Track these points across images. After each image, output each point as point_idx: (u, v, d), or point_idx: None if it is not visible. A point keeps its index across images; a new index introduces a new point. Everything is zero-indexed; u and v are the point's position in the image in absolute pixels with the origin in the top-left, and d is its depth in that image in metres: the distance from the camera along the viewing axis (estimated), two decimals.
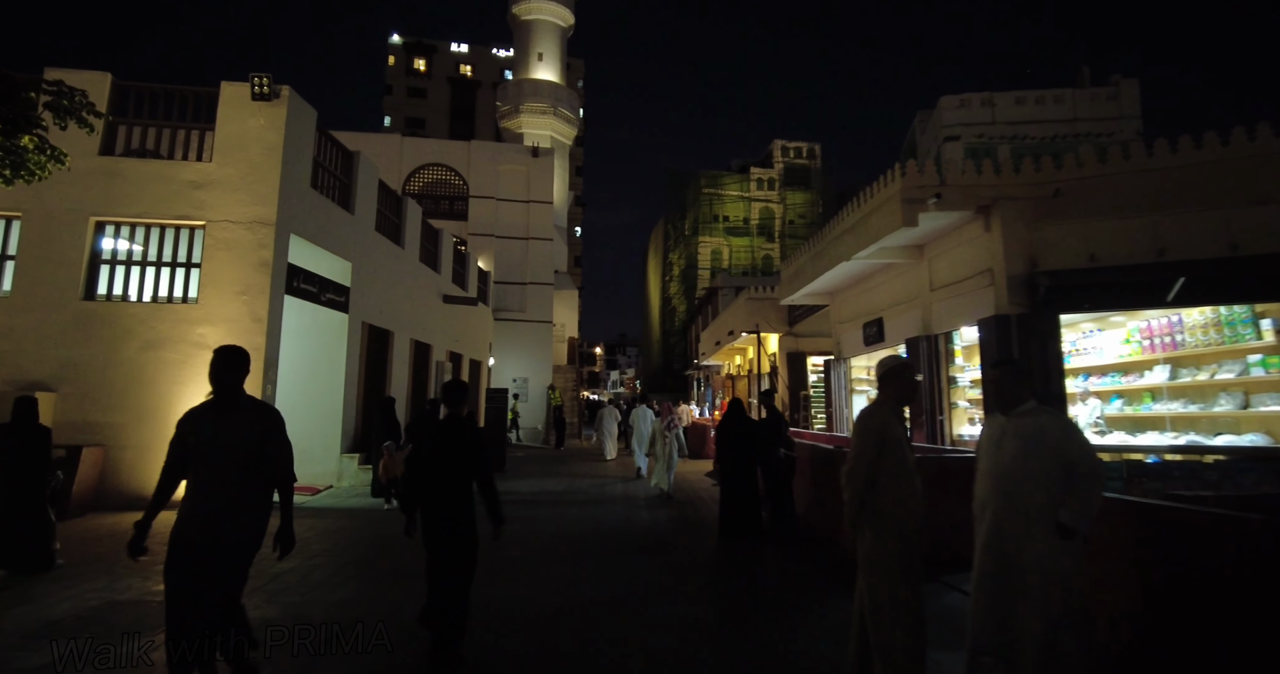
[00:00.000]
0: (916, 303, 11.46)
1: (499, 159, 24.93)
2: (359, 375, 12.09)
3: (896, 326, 12.25)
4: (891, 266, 12.16)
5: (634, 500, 10.45)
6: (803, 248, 14.64)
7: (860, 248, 10.93)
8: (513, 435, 20.87)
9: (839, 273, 12.84)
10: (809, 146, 56.79)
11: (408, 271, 14.58)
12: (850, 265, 12.14)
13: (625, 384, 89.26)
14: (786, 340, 19.48)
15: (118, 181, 9.34)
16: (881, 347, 13.02)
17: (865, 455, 3.15)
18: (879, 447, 3.14)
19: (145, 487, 8.74)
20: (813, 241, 13.94)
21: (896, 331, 12.25)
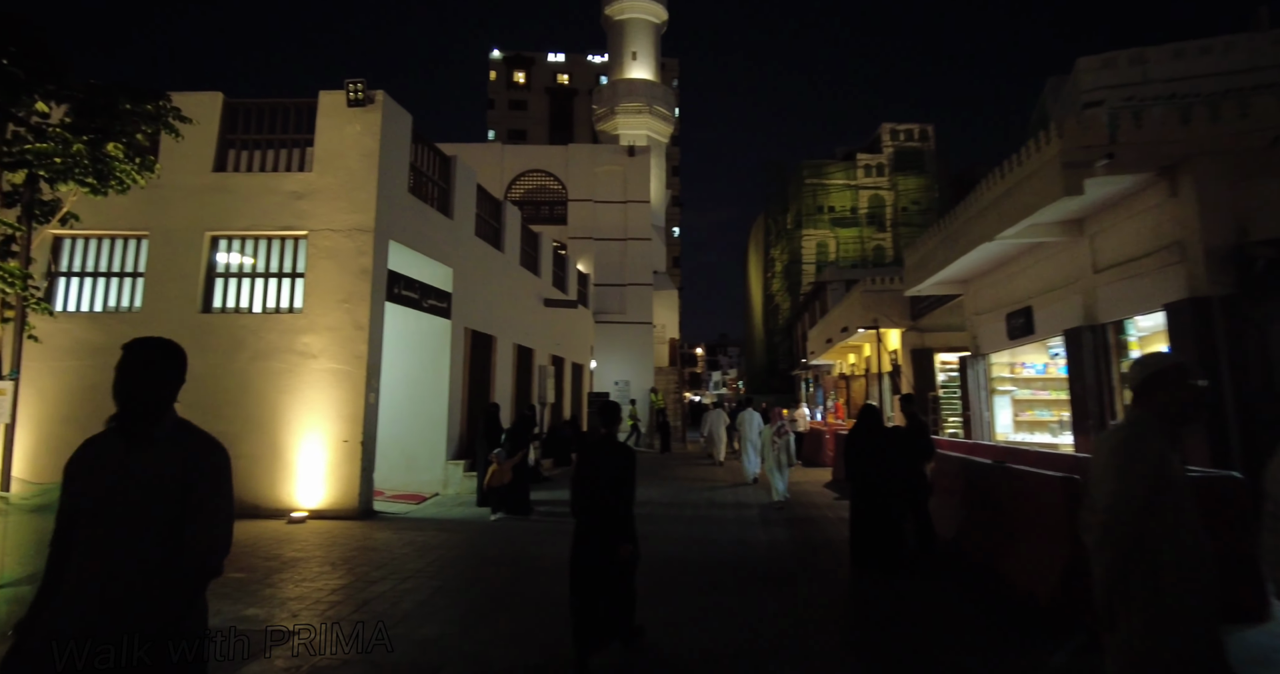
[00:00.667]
0: (1075, 288, 9.79)
1: (596, 161, 24.67)
2: (463, 381, 11.92)
3: (1050, 316, 10.57)
4: (1041, 247, 10.51)
5: (747, 515, 9.52)
6: (929, 232, 13.11)
7: (1005, 226, 9.44)
8: (631, 441, 20.43)
9: (976, 257, 11.28)
10: (920, 128, 53.10)
11: (508, 276, 14.39)
12: (990, 248, 10.60)
13: (727, 385, 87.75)
14: (910, 336, 17.77)
15: (228, 196, 9.57)
16: (1030, 340, 11.32)
17: (1132, 500, 2.08)
18: (1153, 489, 2.08)
19: (257, 495, 8.83)
20: (942, 224, 12.41)
21: (1050, 322, 10.56)
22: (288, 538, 7.48)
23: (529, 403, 14.75)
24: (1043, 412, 12.74)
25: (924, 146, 52.39)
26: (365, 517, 8.83)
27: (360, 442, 8.88)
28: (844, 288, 31.46)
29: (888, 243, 50.38)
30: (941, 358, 17.59)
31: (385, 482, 11.16)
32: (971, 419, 12.89)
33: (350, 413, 8.94)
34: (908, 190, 50.73)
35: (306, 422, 8.95)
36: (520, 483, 9.89)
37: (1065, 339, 9.89)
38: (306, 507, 8.76)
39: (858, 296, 18.83)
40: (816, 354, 28.41)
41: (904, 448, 6.80)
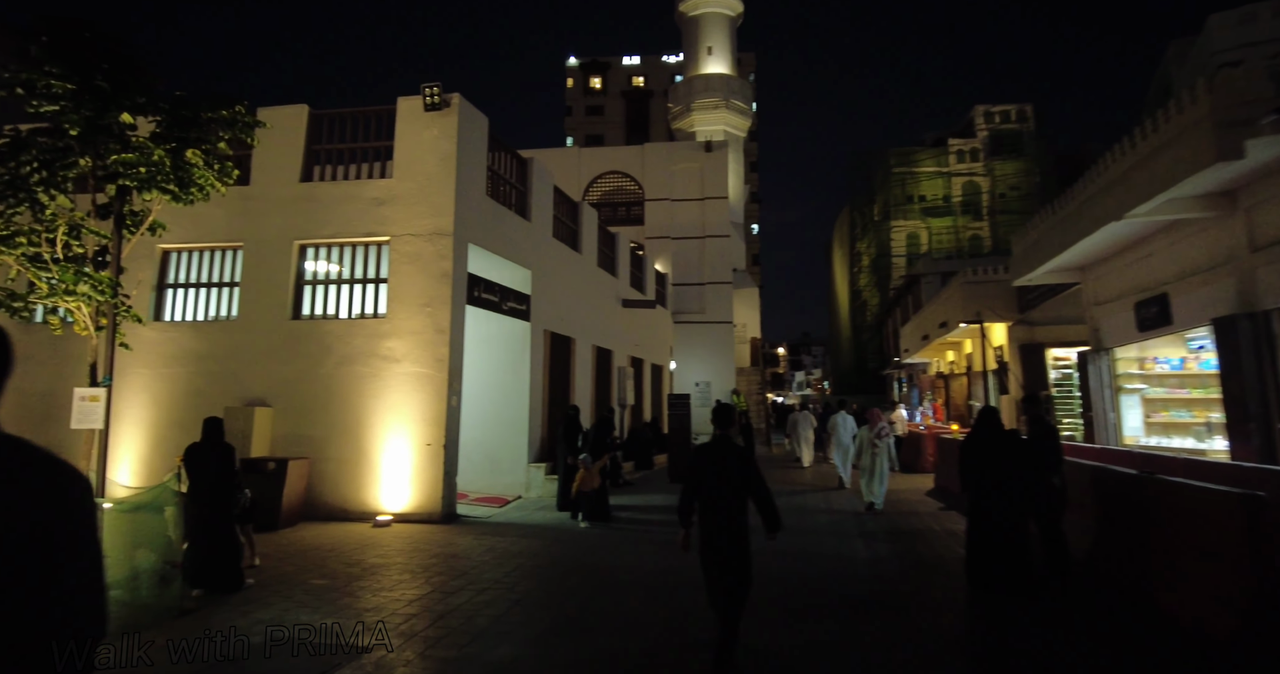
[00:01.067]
0: (1226, 270, 8.52)
1: (672, 158, 24.29)
2: (543, 383, 11.80)
3: (1191, 303, 9.27)
4: (1179, 225, 9.24)
5: (843, 524, 8.83)
6: (1040, 215, 11.90)
7: (1136, 203, 8.32)
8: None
9: (1099, 240, 10.10)
10: (1019, 108, 49.55)
11: (586, 277, 14.22)
12: (1116, 229, 9.43)
13: (812, 386, 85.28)
14: (1018, 330, 16.33)
15: (314, 205, 9.80)
16: (1166, 331, 10.01)
17: None
18: None
19: (344, 499, 8.95)
20: (1055, 206, 11.21)
21: (1191, 310, 9.27)
22: (372, 542, 7.47)
23: (608, 405, 14.52)
24: (1180, 412, 11.28)
25: (1023, 128, 48.82)
26: (448, 520, 8.78)
27: (443, 445, 8.84)
28: (939, 281, 29.63)
29: (985, 232, 47.33)
30: (1054, 353, 16.07)
31: (469, 484, 11.17)
32: (1094, 421, 11.57)
33: (433, 416, 8.92)
34: (1006, 175, 47.41)
35: (390, 425, 9.00)
36: (599, 488, 9.64)
37: (1214, 329, 8.61)
38: (391, 510, 8.80)
39: (957, 289, 17.51)
40: (911, 352, 26.86)
41: (1029, 456, 5.98)
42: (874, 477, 9.82)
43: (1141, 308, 10.25)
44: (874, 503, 9.69)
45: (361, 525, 8.47)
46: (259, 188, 10.04)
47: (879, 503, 9.74)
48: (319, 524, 8.54)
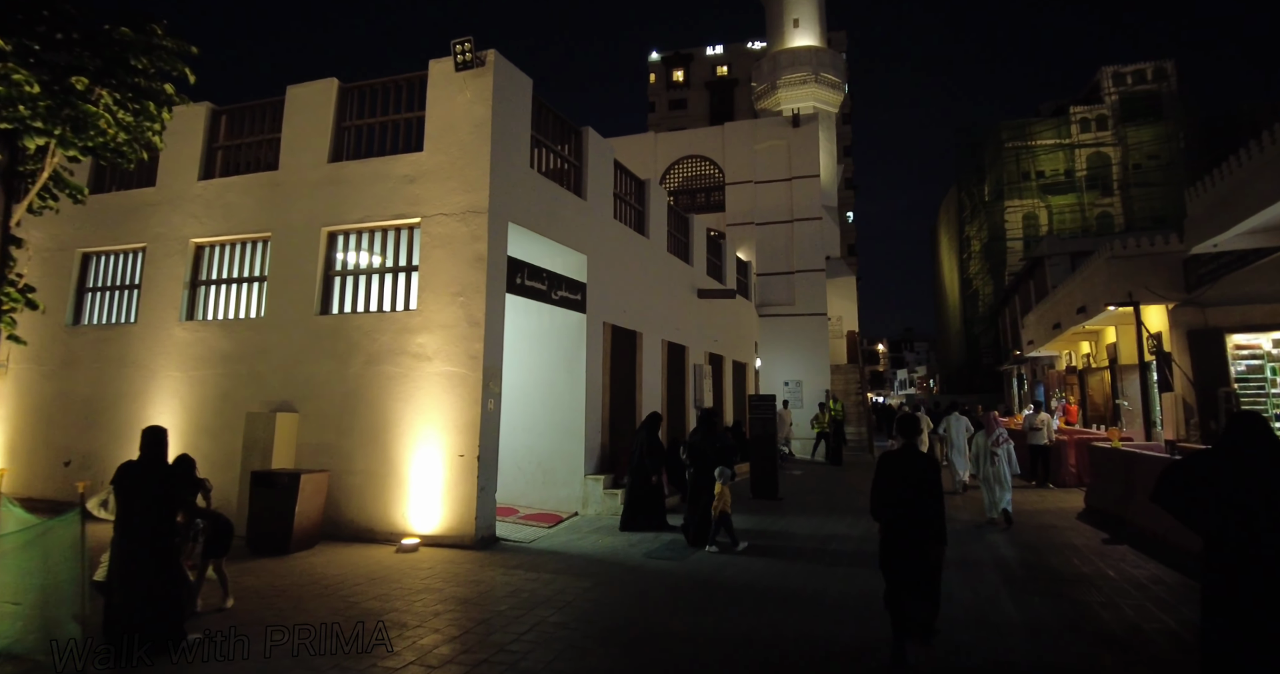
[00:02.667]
0: None
1: (755, 137, 22.33)
2: (603, 384, 10.36)
3: None
4: None
5: (972, 551, 6.81)
6: (1230, 163, 9.24)
7: None
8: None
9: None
10: (1155, 66, 43.56)
11: (654, 264, 12.67)
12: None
13: (916, 385, 79.88)
14: (1184, 313, 13.29)
15: (343, 187, 8.81)
16: None
17: None
18: None
19: (371, 517, 7.86)
20: (1263, 142, 8.59)
21: None
22: (384, 575, 6.26)
23: (705, 409, 12.91)
24: None
25: (1161, 88, 42.82)
26: (484, 546, 7.47)
27: (476, 456, 7.55)
28: (1068, 262, 25.92)
29: (1115, 208, 41.95)
30: (1236, 340, 12.93)
31: (520, 498, 9.91)
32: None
33: (465, 422, 7.65)
34: (1141, 143, 41.72)
35: (420, 433, 7.82)
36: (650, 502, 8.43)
37: None
38: (420, 532, 7.60)
39: (1101, 266, 14.60)
40: (1036, 344, 23.54)
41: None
42: (997, 485, 9.00)
43: None
44: (1006, 510, 8.89)
45: (385, 549, 7.31)
46: (287, 172, 9.19)
47: (999, 514, 8.89)
48: (339, 547, 7.46)
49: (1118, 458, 9.00)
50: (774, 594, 5.75)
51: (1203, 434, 12.63)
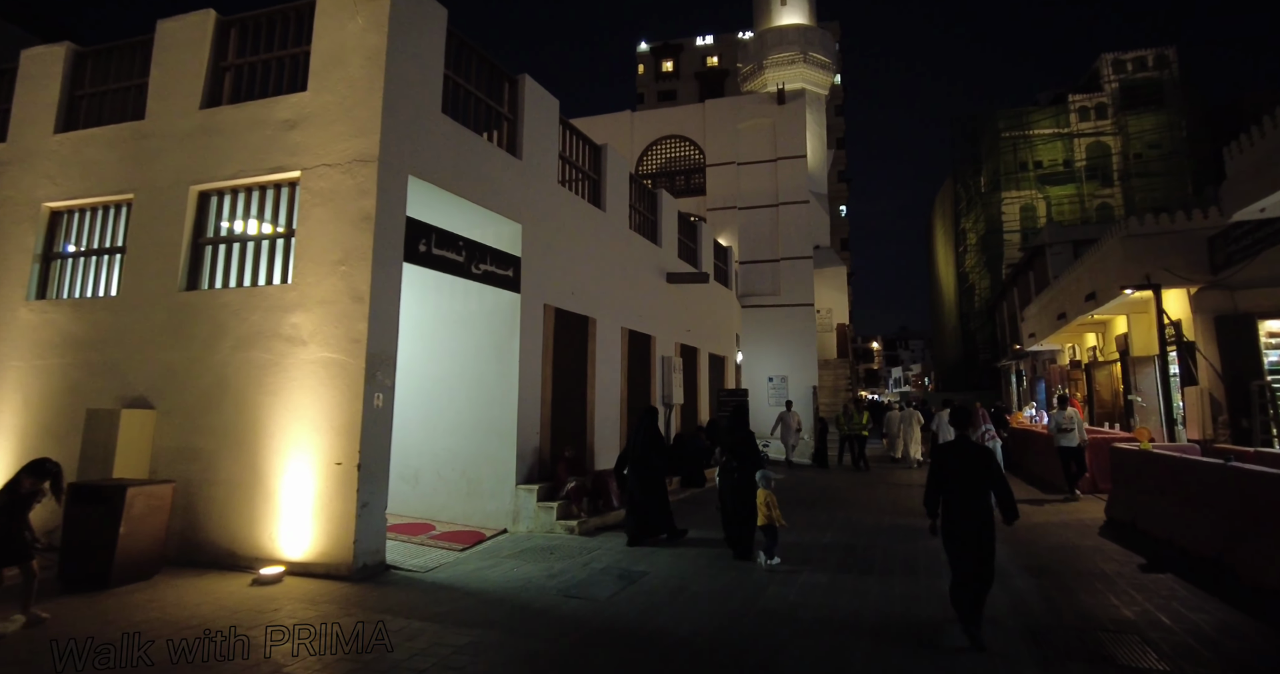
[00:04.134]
0: None
1: (738, 115, 20.84)
2: (543, 377, 8.84)
3: None
4: None
5: (992, 603, 5.34)
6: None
7: None
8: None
9: None
10: (1157, 53, 42.30)
11: (613, 242, 11.15)
12: None
13: (911, 383, 78.60)
14: (1209, 297, 11.85)
15: (216, 138, 7.26)
16: None
17: None
18: None
19: (235, 538, 6.33)
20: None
21: None
22: (212, 618, 4.74)
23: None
24: None
25: (1163, 76, 41.46)
26: (366, 576, 5.96)
27: (357, 465, 6.03)
28: (1070, 251, 24.46)
29: (1116, 199, 40.64)
30: (1270, 327, 11.51)
31: (443, 511, 8.39)
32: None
33: (344, 422, 6.13)
34: (1142, 132, 40.35)
35: (293, 435, 6.29)
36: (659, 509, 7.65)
37: None
38: (290, 557, 6.08)
39: (1116, 247, 13.13)
40: (1038, 337, 22.10)
41: None
42: None
43: None
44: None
45: (241, 580, 5.79)
46: (155, 121, 7.64)
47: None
48: (189, 576, 5.92)
49: (1150, 463, 7.53)
50: (708, 655, 4.25)
51: (1233, 433, 11.18)
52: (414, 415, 8.71)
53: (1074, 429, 10.37)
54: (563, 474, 8.21)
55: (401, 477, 8.60)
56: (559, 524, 7.88)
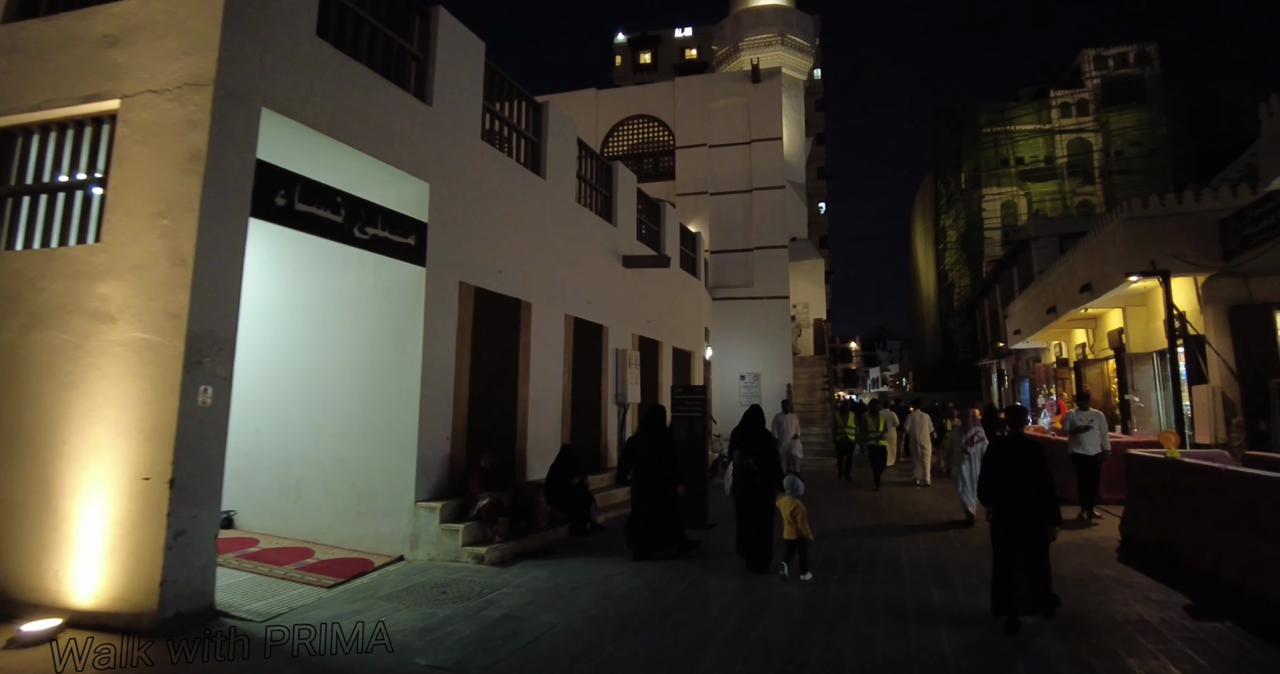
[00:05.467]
0: None
1: (710, 94, 19.47)
2: (456, 371, 7.34)
3: None
4: None
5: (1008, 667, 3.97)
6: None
7: None
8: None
9: None
10: (1138, 50, 41.73)
11: (555, 216, 9.69)
12: None
13: (889, 383, 78.16)
14: (1221, 286, 10.68)
15: (20, 59, 5.67)
16: None
17: None
18: None
19: (12, 576, 4.77)
20: None
21: None
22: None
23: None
24: None
25: (1144, 72, 40.97)
26: (177, 630, 4.44)
27: (170, 481, 4.51)
28: (1056, 245, 23.49)
29: (1097, 196, 40.08)
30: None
31: (329, 532, 6.86)
32: None
33: (154, 424, 4.61)
34: (1124, 129, 39.82)
35: (93, 440, 4.74)
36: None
37: None
38: (78, 603, 4.54)
39: (1118, 230, 11.94)
40: (1024, 334, 21.00)
41: None
42: (964, 483, 8.71)
43: None
44: (968, 510, 8.73)
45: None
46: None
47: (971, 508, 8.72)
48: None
49: (1185, 476, 6.24)
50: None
51: (1248, 436, 10.02)
52: (298, 415, 7.18)
53: (1093, 429, 8.85)
54: (475, 489, 6.73)
55: (282, 489, 7.08)
56: (466, 551, 6.40)
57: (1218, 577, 5.44)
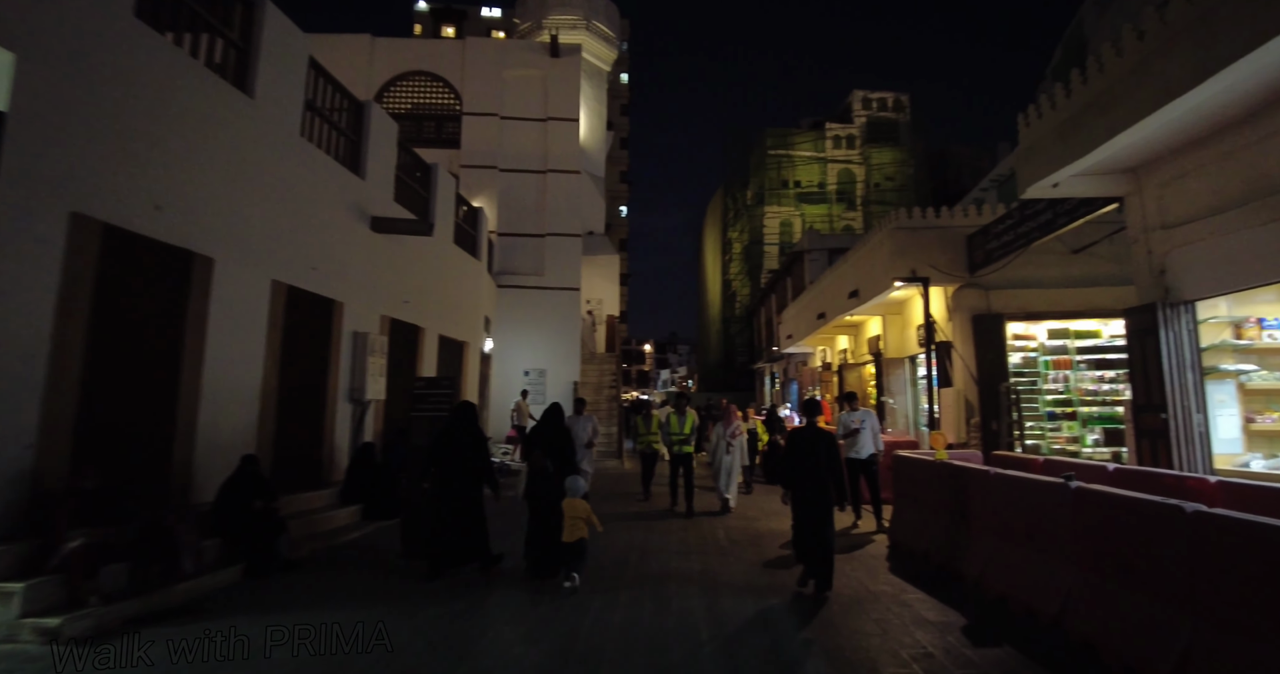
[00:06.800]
0: None
1: (504, 61, 17.73)
2: (53, 341, 4.87)
3: None
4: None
5: None
6: (1074, 78, 6.77)
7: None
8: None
9: (1208, 100, 5.03)
10: (895, 97, 47.90)
11: (266, 148, 7.36)
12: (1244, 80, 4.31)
13: (677, 384, 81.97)
14: (967, 296, 11.50)
15: None
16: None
17: None
18: None
19: None
20: (1111, 54, 6.14)
21: None
22: None
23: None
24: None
25: (899, 118, 47.14)
26: None
27: None
28: (826, 258, 25.38)
29: (858, 223, 45.00)
30: (1014, 330, 11.41)
31: None
32: (1173, 427, 6.54)
33: None
34: (881, 164, 45.37)
35: None
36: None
37: None
38: None
39: (885, 240, 12.45)
40: (796, 338, 22.15)
41: None
42: (725, 474, 9.60)
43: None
44: (726, 499, 9.45)
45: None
46: None
47: (730, 498, 9.46)
48: None
49: (950, 479, 5.95)
50: None
51: (983, 435, 10.80)
52: None
53: (865, 430, 8.42)
54: (63, 524, 4.39)
55: None
56: (27, 625, 4.07)
57: (985, 587, 5.08)
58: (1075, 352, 11.18)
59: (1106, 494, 4.06)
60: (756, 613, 4.83)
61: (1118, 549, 3.88)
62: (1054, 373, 11.19)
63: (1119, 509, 3.93)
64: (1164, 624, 3.48)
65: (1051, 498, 4.52)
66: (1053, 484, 4.50)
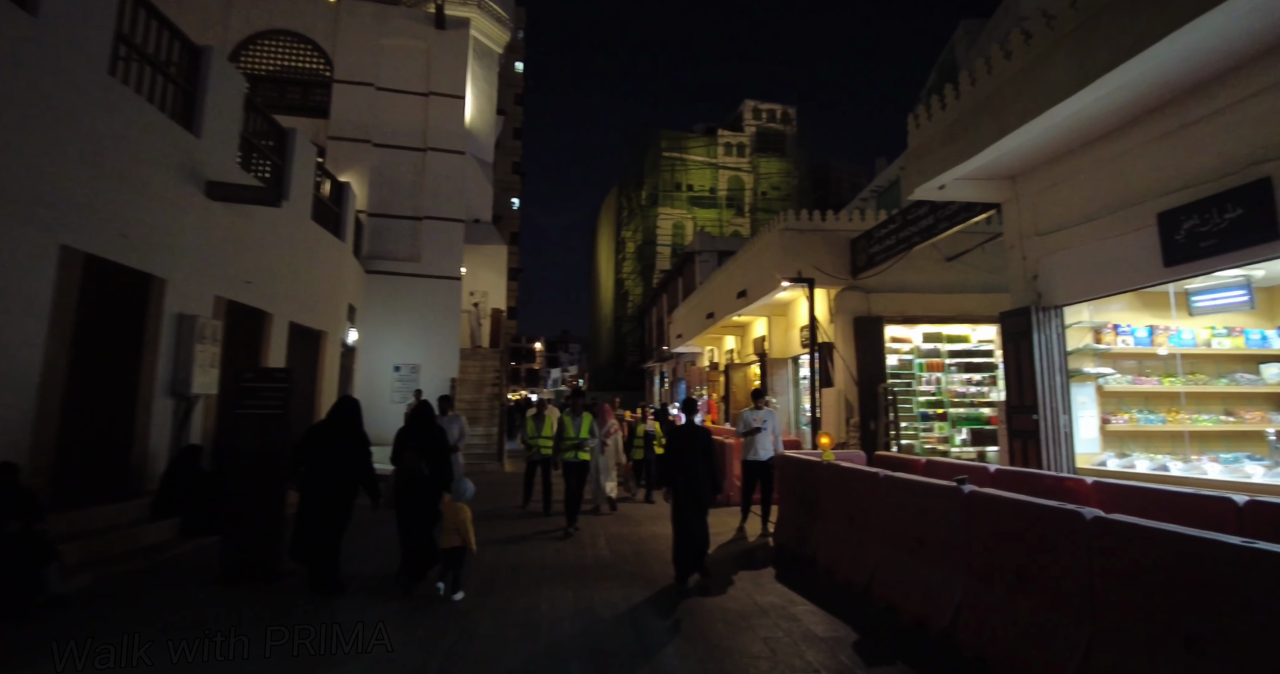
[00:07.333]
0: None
1: (383, 28, 16.29)
2: None
3: None
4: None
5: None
6: (962, 79, 6.86)
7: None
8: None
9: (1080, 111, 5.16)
10: (783, 110, 49.70)
11: (60, 87, 5.98)
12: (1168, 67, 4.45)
13: (568, 383, 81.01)
14: (849, 299, 11.69)
15: None
16: (1247, 257, 5.32)
17: None
18: None
19: None
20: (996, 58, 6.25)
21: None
22: None
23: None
24: (1150, 417, 7.03)
25: (786, 130, 48.97)
26: None
27: None
28: (716, 260, 25.67)
29: (746, 229, 46.25)
30: (892, 332, 11.73)
31: None
32: (1042, 428, 6.73)
33: None
34: (768, 173, 46.90)
35: None
36: None
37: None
38: None
39: (774, 240, 12.45)
40: (685, 338, 22.10)
41: None
42: (602, 474, 9.32)
43: (1183, 219, 5.45)
44: (610, 499, 9.46)
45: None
46: None
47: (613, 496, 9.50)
48: None
49: (837, 481, 5.74)
50: None
51: (862, 435, 10.99)
52: None
53: (767, 430, 7.83)
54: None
55: None
56: None
57: (873, 597, 4.85)
58: (947, 355, 11.66)
59: (1001, 498, 3.89)
60: (637, 639, 4.30)
61: (1012, 556, 3.70)
62: (927, 375, 11.63)
63: (1014, 514, 3.76)
64: (1060, 635, 3.29)
65: (942, 502, 4.33)
66: (944, 487, 4.31)
